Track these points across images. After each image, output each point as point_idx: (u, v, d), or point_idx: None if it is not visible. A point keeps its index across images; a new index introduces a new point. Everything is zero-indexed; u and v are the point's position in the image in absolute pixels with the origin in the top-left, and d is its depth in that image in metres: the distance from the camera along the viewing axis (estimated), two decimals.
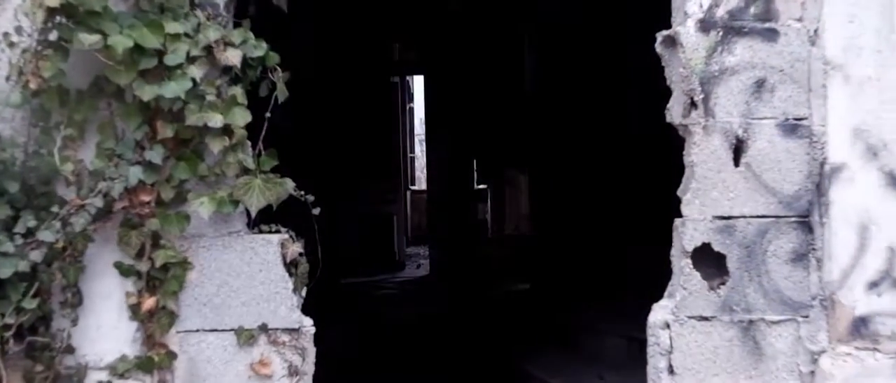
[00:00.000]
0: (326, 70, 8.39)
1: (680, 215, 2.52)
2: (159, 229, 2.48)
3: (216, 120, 2.42)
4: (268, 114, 2.52)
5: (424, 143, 12.16)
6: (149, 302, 2.48)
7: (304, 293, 2.59)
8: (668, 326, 2.51)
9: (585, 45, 6.77)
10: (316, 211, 2.54)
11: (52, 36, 2.37)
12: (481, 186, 12.95)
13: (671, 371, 2.50)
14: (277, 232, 2.56)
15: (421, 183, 18.02)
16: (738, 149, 2.51)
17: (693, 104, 2.50)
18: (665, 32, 2.55)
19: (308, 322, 2.56)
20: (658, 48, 2.57)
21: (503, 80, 10.04)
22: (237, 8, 2.59)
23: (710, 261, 2.52)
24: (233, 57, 2.45)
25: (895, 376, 2.48)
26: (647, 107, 2.79)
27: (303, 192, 2.53)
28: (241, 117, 2.45)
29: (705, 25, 2.50)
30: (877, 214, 2.49)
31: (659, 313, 2.54)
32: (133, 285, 2.50)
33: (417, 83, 15.36)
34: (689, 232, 2.49)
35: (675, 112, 2.56)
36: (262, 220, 2.56)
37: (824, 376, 2.47)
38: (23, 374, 2.41)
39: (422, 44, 11.11)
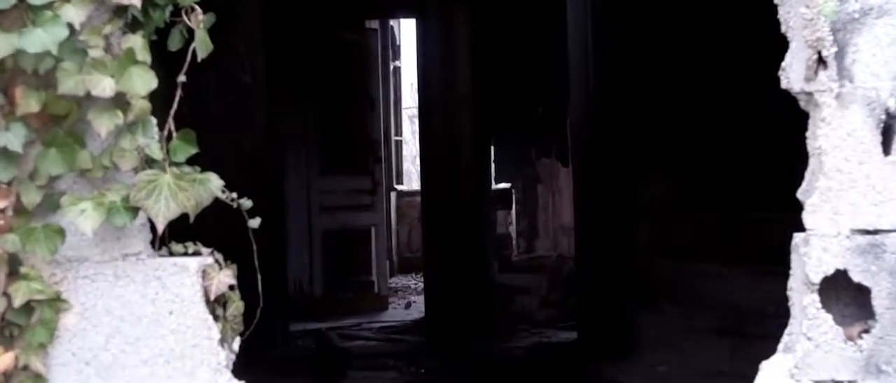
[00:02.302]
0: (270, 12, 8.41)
1: (802, 228, 2.52)
2: (19, 250, 2.47)
3: (104, 85, 2.42)
4: (182, 78, 2.52)
5: (417, 122, 12.14)
6: (4, 360, 2.48)
7: (236, 345, 2.59)
8: None
9: None
10: (254, 222, 2.53)
11: None
12: (502, 185, 12.97)
13: None
14: (197, 254, 2.57)
15: (411, 180, 18.08)
16: (889, 130, 2.50)
17: (821, 62, 2.50)
18: None
19: None
20: None
21: (537, 28, 10.03)
22: None
23: (847, 297, 2.51)
24: None
25: None
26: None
27: (234, 196, 2.53)
28: (142, 82, 2.46)
29: None
30: None
31: (771, 374, 2.54)
32: None
33: (407, 31, 15.38)
34: (816, 253, 2.49)
35: (794, 74, 2.55)
36: (173, 237, 2.57)
37: None
38: None
39: None
